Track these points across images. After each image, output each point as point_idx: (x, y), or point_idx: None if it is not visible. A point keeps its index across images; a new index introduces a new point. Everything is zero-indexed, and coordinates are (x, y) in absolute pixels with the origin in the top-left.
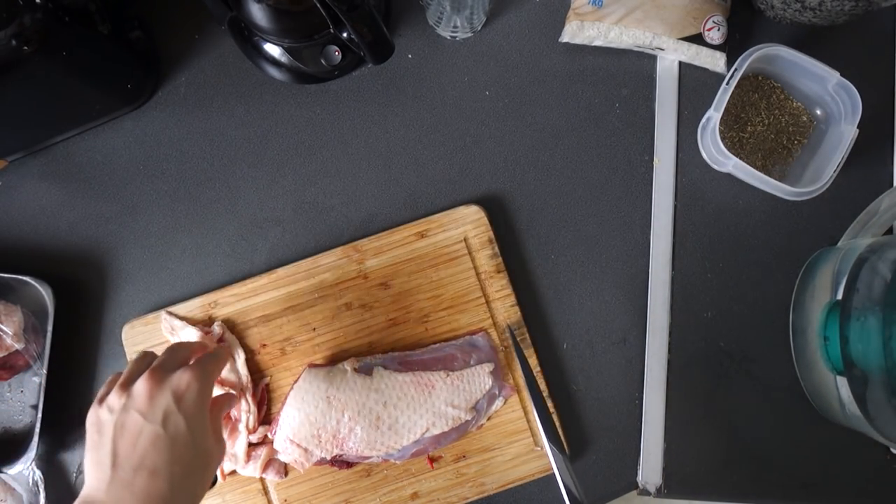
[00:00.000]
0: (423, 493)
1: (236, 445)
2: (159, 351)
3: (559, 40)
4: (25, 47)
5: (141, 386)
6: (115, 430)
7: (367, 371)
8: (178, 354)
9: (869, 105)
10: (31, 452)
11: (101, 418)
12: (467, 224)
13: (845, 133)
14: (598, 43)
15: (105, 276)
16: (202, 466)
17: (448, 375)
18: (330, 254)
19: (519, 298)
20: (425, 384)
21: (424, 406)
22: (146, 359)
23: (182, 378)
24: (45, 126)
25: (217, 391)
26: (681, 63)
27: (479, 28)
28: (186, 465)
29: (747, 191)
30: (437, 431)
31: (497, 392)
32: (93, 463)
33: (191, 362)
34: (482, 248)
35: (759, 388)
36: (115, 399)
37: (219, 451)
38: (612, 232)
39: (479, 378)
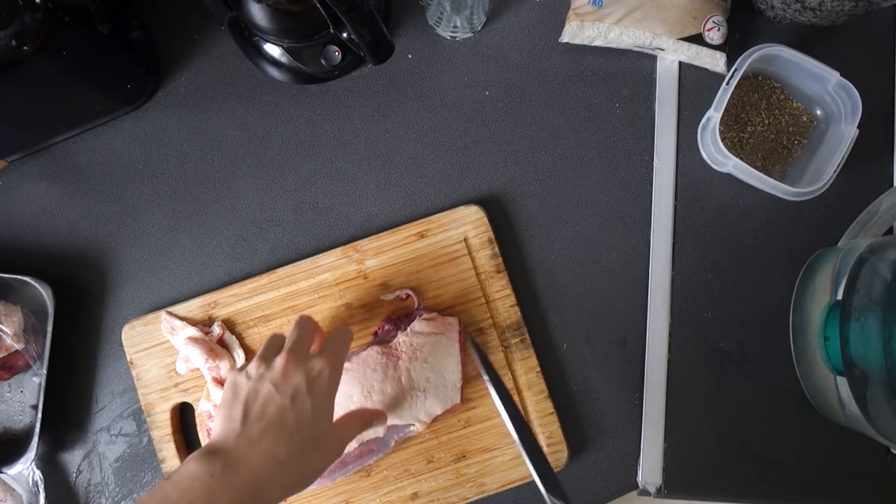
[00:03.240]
0: (423, 493)
1: None
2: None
3: (559, 40)
4: (25, 47)
5: (279, 361)
6: (249, 394)
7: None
8: (309, 331)
9: (869, 105)
10: (31, 452)
11: (238, 382)
12: (467, 224)
13: (845, 133)
14: (598, 43)
15: (105, 276)
16: (315, 449)
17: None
18: (330, 254)
19: (519, 298)
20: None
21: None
22: (278, 339)
23: (317, 364)
24: (45, 126)
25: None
26: (681, 63)
27: (479, 28)
28: (302, 442)
29: (747, 191)
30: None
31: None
32: (224, 417)
33: (322, 344)
34: (482, 248)
35: (759, 388)
36: (253, 368)
37: (335, 443)
38: (612, 232)
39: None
